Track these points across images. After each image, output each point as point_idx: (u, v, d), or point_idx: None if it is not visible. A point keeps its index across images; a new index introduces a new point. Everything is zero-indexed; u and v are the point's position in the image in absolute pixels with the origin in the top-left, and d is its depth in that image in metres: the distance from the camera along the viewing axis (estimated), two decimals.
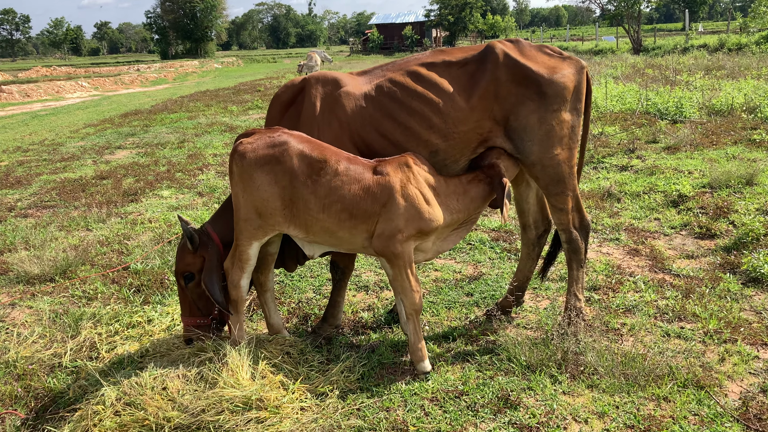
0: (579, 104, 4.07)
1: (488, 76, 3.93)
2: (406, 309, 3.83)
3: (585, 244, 4.31)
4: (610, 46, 40.73)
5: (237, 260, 3.86)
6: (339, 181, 3.65)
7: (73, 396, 3.80)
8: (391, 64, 4.18)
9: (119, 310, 4.97)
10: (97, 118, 19.76)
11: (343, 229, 3.71)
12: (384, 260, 3.79)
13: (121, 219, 7.77)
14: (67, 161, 12.07)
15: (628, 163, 9.39)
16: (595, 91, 15.11)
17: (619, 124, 12.24)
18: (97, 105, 25.15)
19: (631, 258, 5.88)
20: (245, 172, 3.68)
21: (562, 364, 3.89)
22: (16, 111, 23.94)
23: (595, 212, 7.20)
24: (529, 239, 4.67)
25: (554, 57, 4.08)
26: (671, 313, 4.66)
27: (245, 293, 3.95)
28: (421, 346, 3.89)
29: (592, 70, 23.00)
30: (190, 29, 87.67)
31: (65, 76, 45.93)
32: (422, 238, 3.79)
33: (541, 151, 4.01)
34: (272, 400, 3.35)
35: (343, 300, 4.52)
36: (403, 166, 3.75)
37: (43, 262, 5.92)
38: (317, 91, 4.03)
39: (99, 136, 15.50)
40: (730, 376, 3.86)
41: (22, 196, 9.31)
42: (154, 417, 3.23)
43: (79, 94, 32.98)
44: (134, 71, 48.68)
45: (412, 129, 3.93)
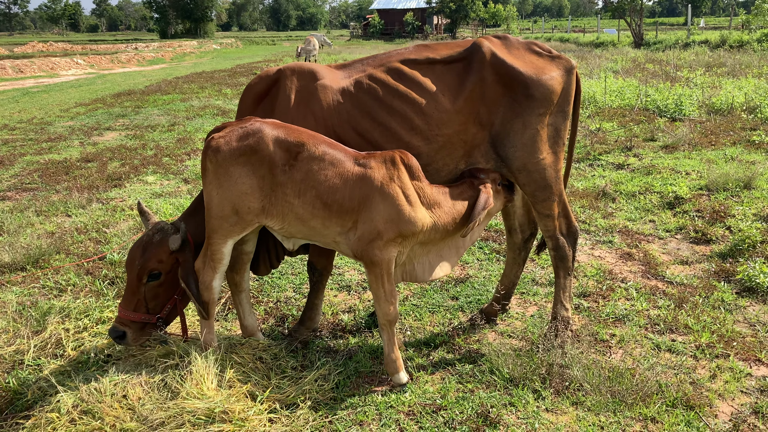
0: (567, 107, 3.88)
1: (475, 77, 3.72)
2: (380, 319, 3.63)
3: (573, 251, 4.12)
4: (611, 39, 40.38)
5: (209, 260, 3.66)
6: (316, 165, 3.45)
7: (31, 398, 3.59)
8: (372, 58, 3.96)
9: (90, 304, 4.75)
10: (89, 97, 19.44)
11: (315, 218, 3.50)
12: (364, 266, 3.60)
13: (102, 205, 7.55)
14: (53, 141, 11.81)
15: (624, 162, 9.20)
16: (595, 86, 14.90)
17: (618, 120, 12.03)
18: (91, 83, 24.79)
19: (623, 263, 5.70)
20: (221, 167, 3.48)
21: (547, 378, 3.71)
22: (7, 87, 23.60)
23: (589, 212, 7.01)
24: (515, 243, 4.47)
25: (543, 56, 3.88)
26: (663, 324, 4.48)
27: (217, 295, 3.75)
28: (395, 357, 3.69)
29: (593, 63, 22.76)
30: (190, 9, 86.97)
31: (61, 52, 45.47)
32: (404, 243, 3.56)
33: (525, 156, 3.81)
34: (238, 412, 3.16)
35: (321, 302, 4.33)
36: (388, 163, 3.52)
37: (15, 249, 5.71)
38: (292, 83, 3.81)
39: (89, 116, 15.22)
40: (721, 394, 3.69)
41: (2, 177, 9.06)
42: (110, 428, 3.04)
43: (74, 71, 32.56)
44: (132, 50, 48.17)
45: (392, 129, 3.72)
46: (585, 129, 11.55)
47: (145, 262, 3.76)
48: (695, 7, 71.01)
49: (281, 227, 3.60)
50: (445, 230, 3.67)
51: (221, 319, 4.66)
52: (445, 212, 3.63)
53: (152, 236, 3.77)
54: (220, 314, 4.74)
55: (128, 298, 3.82)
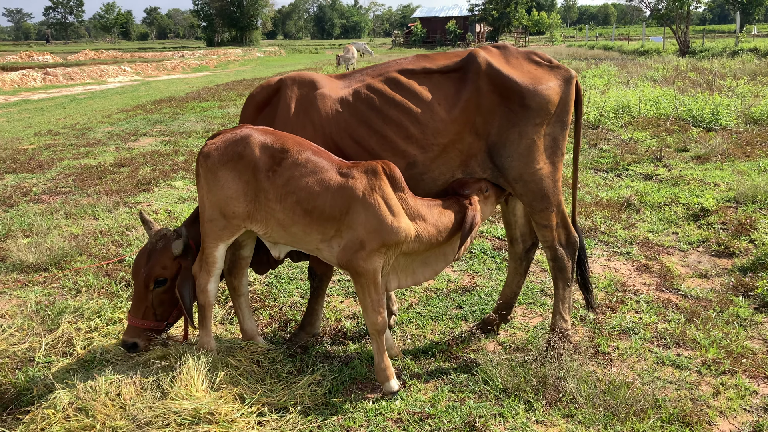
0: (565, 116, 3.85)
1: (471, 87, 3.73)
2: (368, 328, 3.66)
3: (572, 261, 4.08)
4: (657, 47, 39.60)
5: (204, 264, 3.75)
6: (297, 171, 3.51)
7: (36, 394, 3.73)
8: (371, 68, 4.01)
9: (103, 305, 4.91)
10: (131, 103, 20.00)
11: (296, 224, 3.55)
12: (350, 276, 3.63)
13: (129, 209, 7.76)
14: (91, 147, 12.19)
15: (653, 172, 9.02)
16: (630, 95, 14.65)
17: (651, 130, 11.80)
18: (134, 90, 25.48)
19: (639, 275, 5.60)
20: (209, 172, 3.61)
21: (540, 389, 3.67)
22: (57, 94, 24.43)
23: (610, 223, 6.90)
24: (516, 253, 4.44)
25: (541, 66, 3.85)
26: (669, 338, 4.39)
27: (213, 298, 3.84)
28: (385, 366, 3.70)
29: (632, 71, 22.37)
30: (236, 17, 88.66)
31: (111, 60, 46.79)
32: (389, 252, 3.57)
33: (521, 166, 3.79)
34: (224, 413, 3.22)
35: (322, 308, 4.37)
36: (370, 173, 3.53)
37: (40, 250, 5.92)
38: (293, 93, 3.89)
39: (129, 122, 15.66)
40: (722, 412, 3.60)
41: (40, 180, 9.40)
42: (101, 425, 3.14)
43: (121, 78, 33.50)
44: (178, 57, 49.31)
45: (388, 138, 3.75)
46: (616, 138, 11.37)
47: (150, 269, 3.86)
48: (747, 14, 69.06)
49: (265, 232, 3.67)
50: (430, 242, 3.66)
51: (226, 323, 4.75)
52: (430, 224, 3.63)
53: (155, 243, 3.87)
54: (225, 317, 4.83)
55: (137, 306, 3.93)
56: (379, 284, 3.57)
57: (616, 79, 19.46)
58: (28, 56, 49.56)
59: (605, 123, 12.75)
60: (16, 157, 11.15)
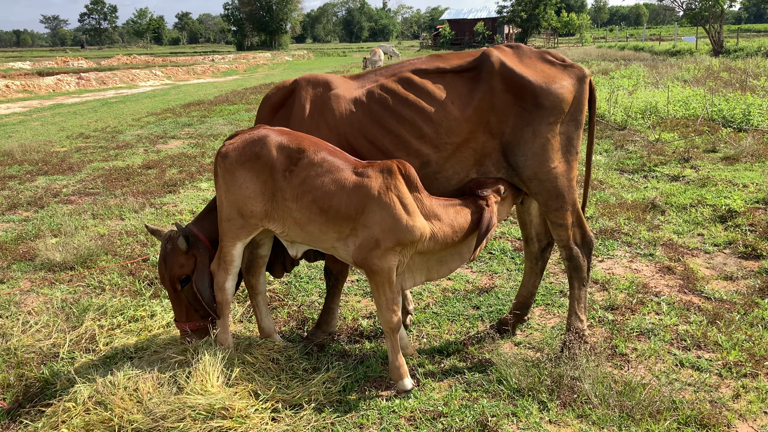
0: (579, 115, 3.84)
1: (484, 86, 3.74)
2: (383, 327, 3.68)
3: (587, 261, 4.06)
4: (689, 47, 38.97)
5: (222, 262, 3.81)
6: (313, 171, 3.54)
7: (59, 388, 3.83)
8: (386, 68, 4.03)
9: (126, 303, 5.01)
10: (161, 107, 20.33)
11: (312, 223, 3.58)
12: (365, 274, 3.65)
13: (155, 210, 7.90)
14: (120, 149, 12.42)
15: (680, 173, 8.88)
16: (658, 95, 14.44)
17: (679, 131, 11.62)
18: (165, 94, 25.90)
19: (661, 276, 5.52)
20: (228, 172, 3.65)
21: (555, 389, 3.65)
22: (90, 98, 24.94)
23: (634, 224, 6.82)
24: (532, 253, 4.42)
25: (555, 65, 3.86)
26: (690, 340, 4.33)
27: (231, 296, 3.89)
28: (399, 365, 3.72)
29: (663, 71, 22.04)
30: (265, 21, 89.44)
31: (143, 64, 47.61)
32: (404, 251, 3.58)
33: (536, 165, 3.79)
34: (239, 409, 3.27)
35: (338, 306, 4.41)
36: (384, 172, 3.55)
37: (67, 250, 6.06)
38: (307, 94, 3.93)
39: (158, 125, 15.92)
40: (741, 414, 3.54)
41: (70, 182, 9.61)
42: (118, 418, 3.21)
43: (152, 82, 34.07)
44: (208, 61, 49.98)
45: (402, 137, 3.78)
46: (643, 140, 11.23)
47: (170, 271, 3.93)
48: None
49: (282, 231, 3.71)
50: (445, 242, 3.67)
51: (245, 320, 4.81)
52: (446, 224, 3.64)
53: (166, 247, 3.95)
54: (243, 315, 4.89)
55: (177, 311, 4.03)
56: (394, 283, 3.58)
57: (645, 80, 19.19)
58: (63, 61, 50.73)
59: (632, 124, 12.59)
60: (48, 159, 11.41)
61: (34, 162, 11.14)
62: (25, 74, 37.25)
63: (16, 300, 5.25)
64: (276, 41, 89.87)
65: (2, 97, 24.92)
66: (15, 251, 6.38)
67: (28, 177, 10.03)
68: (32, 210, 8.07)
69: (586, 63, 30.06)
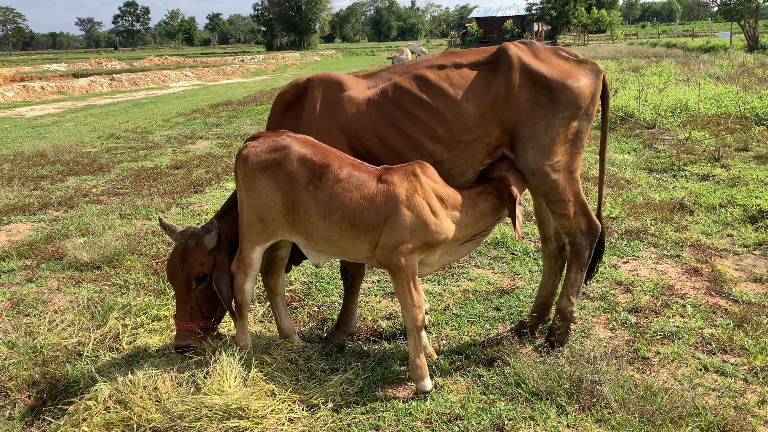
0: (592, 110, 3.92)
1: (501, 81, 3.77)
2: (407, 324, 3.66)
3: (590, 248, 4.15)
4: (723, 43, 38.17)
5: (241, 264, 3.82)
6: (340, 188, 3.52)
7: (83, 386, 3.89)
8: (399, 66, 4.03)
9: (150, 302, 5.07)
10: (190, 107, 20.58)
11: (344, 239, 3.58)
12: (388, 272, 3.65)
13: (181, 209, 7.99)
14: (149, 149, 12.61)
15: (710, 172, 8.71)
16: (688, 93, 14.18)
17: (710, 129, 11.40)
18: (195, 94, 26.21)
19: (687, 278, 5.42)
20: (248, 176, 3.63)
21: (574, 393, 3.61)
22: (122, 99, 25.35)
23: (661, 225, 6.71)
24: (550, 252, 4.40)
25: (569, 61, 3.92)
26: (715, 344, 4.24)
27: (250, 297, 3.91)
28: (420, 364, 3.70)
29: (695, 68, 21.64)
30: (294, 21, 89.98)
31: (174, 65, 48.25)
32: (428, 251, 3.62)
33: (541, 158, 3.86)
34: (255, 409, 3.29)
35: (356, 306, 4.41)
36: (410, 175, 3.58)
37: (94, 249, 6.16)
38: (319, 93, 3.94)
39: (187, 125, 16.12)
40: (767, 421, 3.45)
41: (99, 182, 9.78)
42: (137, 417, 3.26)
43: (183, 83, 34.50)
44: (238, 62, 50.45)
45: (416, 139, 3.79)
46: (673, 138, 11.04)
47: (189, 268, 3.90)
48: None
49: (307, 244, 3.70)
50: (467, 233, 3.73)
51: (265, 320, 4.84)
52: (469, 215, 3.70)
53: (186, 243, 3.91)
54: (264, 315, 4.92)
55: (182, 308, 3.97)
56: (418, 281, 3.61)
57: (676, 77, 18.86)
58: (97, 63, 51.68)
59: (662, 122, 12.39)
60: (80, 159, 11.63)
61: (65, 162, 11.36)
62: (60, 76, 38.07)
63: (43, 299, 5.36)
64: (305, 41, 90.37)
65: (38, 99, 25.48)
66: (44, 250, 6.51)
67: (59, 177, 10.24)
68: (62, 210, 8.23)
69: (617, 60, 29.66)
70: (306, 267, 5.94)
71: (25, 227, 7.53)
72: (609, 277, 5.42)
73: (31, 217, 7.95)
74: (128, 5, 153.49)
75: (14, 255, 6.41)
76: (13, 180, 9.95)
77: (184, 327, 3.91)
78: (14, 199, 8.81)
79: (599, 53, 38.62)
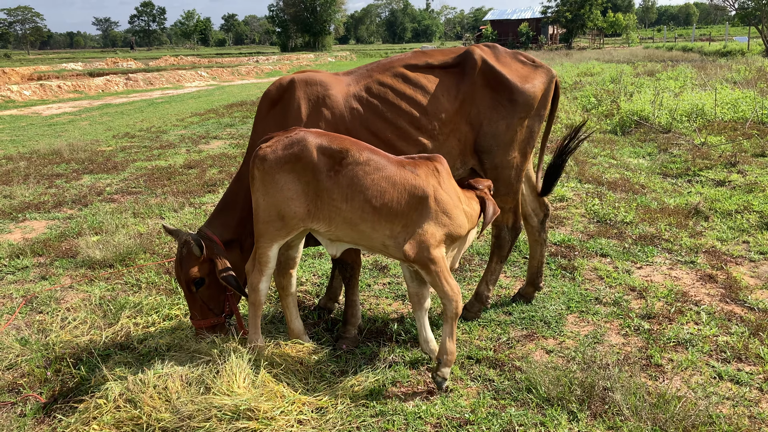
0: (543, 111, 4.37)
1: (468, 80, 4.16)
2: (447, 313, 3.71)
3: (511, 243, 4.68)
4: (741, 48, 37.86)
5: (257, 263, 3.85)
6: (361, 170, 3.61)
7: (93, 385, 3.90)
8: (375, 64, 4.34)
9: (161, 301, 5.09)
10: (204, 107, 20.68)
11: (365, 222, 3.64)
12: (418, 268, 3.69)
13: (194, 209, 8.02)
14: (164, 149, 12.67)
15: (726, 178, 8.63)
16: (705, 97, 14.06)
17: (726, 134, 11.29)
18: (209, 95, 26.34)
19: (702, 285, 5.36)
20: (267, 175, 3.66)
21: (585, 399, 3.57)
22: (137, 98, 25.52)
23: (675, 231, 6.65)
24: (533, 227, 4.92)
25: (527, 65, 4.34)
26: (730, 352, 4.19)
27: (264, 297, 3.93)
28: (453, 350, 3.75)
29: (711, 73, 21.46)
30: (309, 23, 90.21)
31: (190, 65, 48.51)
32: (450, 244, 3.76)
33: (501, 155, 4.28)
34: (264, 410, 3.29)
35: (358, 298, 4.46)
36: (434, 170, 3.71)
37: (107, 248, 6.19)
38: (303, 93, 4.11)
39: (201, 125, 16.19)
40: None
41: (113, 181, 9.84)
42: (146, 417, 3.26)
43: (198, 83, 34.69)
44: (252, 62, 50.64)
45: (403, 128, 4.14)
46: (688, 143, 10.94)
47: (186, 275, 4.09)
48: None
49: (327, 230, 3.75)
50: (467, 228, 3.88)
51: (277, 322, 4.83)
52: (467, 213, 3.88)
53: (182, 251, 4.09)
54: (276, 316, 4.92)
55: (193, 309, 4.21)
56: (449, 270, 3.72)
57: (692, 82, 18.71)
58: (113, 62, 52.08)
59: (677, 127, 12.29)
60: (94, 158, 11.71)
61: (80, 161, 11.44)
62: (76, 75, 38.38)
63: (56, 296, 5.39)
64: (319, 42, 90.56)
65: (54, 97, 25.71)
66: (58, 248, 6.55)
67: (74, 175, 10.31)
68: (76, 208, 8.28)
69: (632, 64, 29.46)
70: (317, 268, 5.94)
71: (40, 225, 7.59)
72: (622, 283, 5.38)
73: (46, 214, 8.01)
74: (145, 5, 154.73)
75: (28, 252, 6.45)
76: (29, 178, 10.04)
77: (199, 325, 4.13)
78: (30, 196, 8.88)
79: (614, 57, 38.40)
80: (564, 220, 7.18)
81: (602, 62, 32.39)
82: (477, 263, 5.95)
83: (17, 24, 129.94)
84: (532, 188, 4.87)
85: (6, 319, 4.99)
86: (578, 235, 6.66)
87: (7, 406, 3.81)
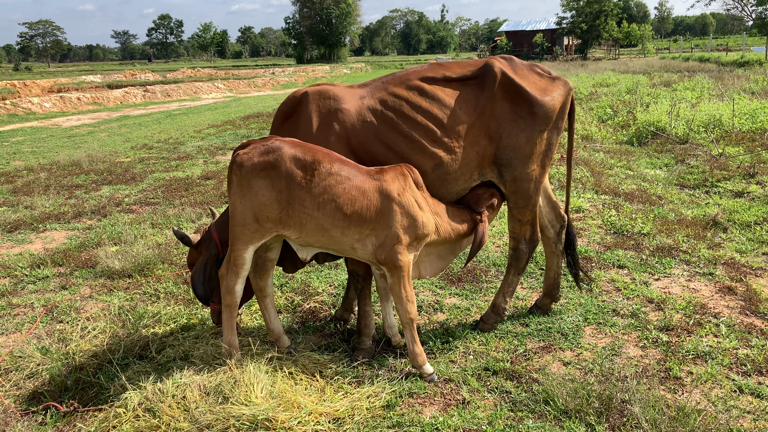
0: (561, 123, 4.38)
1: (487, 93, 4.15)
2: (402, 318, 3.97)
3: (529, 255, 4.64)
4: (758, 58, 37.56)
5: (232, 265, 3.98)
6: (333, 180, 3.79)
7: (113, 394, 3.94)
8: (391, 76, 4.33)
9: (179, 311, 5.14)
10: (221, 119, 20.85)
11: (335, 227, 3.83)
12: (385, 269, 3.92)
13: (212, 219, 8.06)
14: (181, 160, 12.79)
15: (744, 189, 8.56)
16: (722, 108, 13.96)
17: (744, 145, 11.20)
18: (226, 106, 26.56)
19: (721, 297, 5.31)
20: (244, 179, 3.82)
21: (603, 412, 3.55)
22: (155, 110, 25.80)
23: (694, 242, 6.60)
24: (549, 238, 4.89)
25: (544, 77, 4.33)
26: (750, 365, 4.14)
27: (239, 299, 4.05)
28: (419, 352, 4.04)
29: (728, 83, 21.32)
30: (325, 35, 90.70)
31: (206, 77, 49.00)
32: (418, 245, 3.94)
33: (521, 167, 4.27)
34: (282, 420, 3.30)
35: (372, 309, 4.47)
36: (399, 176, 3.91)
37: (126, 258, 6.26)
38: (315, 107, 4.17)
39: (218, 136, 16.33)
40: None
41: (132, 192, 9.95)
42: (165, 426, 3.29)
43: (214, 95, 35.00)
44: (269, 74, 51.01)
45: (418, 141, 4.09)
46: (706, 154, 10.87)
47: (189, 265, 4.55)
48: None
49: (298, 237, 3.92)
50: (444, 237, 4.12)
51: (294, 333, 4.85)
52: (445, 221, 4.10)
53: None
54: (292, 327, 4.93)
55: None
56: (411, 277, 3.92)
57: (709, 92, 18.59)
58: (131, 75, 52.68)
59: (694, 137, 12.21)
60: (113, 169, 11.85)
61: (99, 172, 11.58)
62: (95, 87, 38.90)
63: (76, 306, 5.45)
64: (335, 54, 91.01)
65: (74, 109, 26.06)
66: (78, 258, 6.63)
67: (93, 186, 10.44)
68: (96, 218, 8.38)
69: (648, 75, 29.34)
70: (333, 278, 5.96)
71: (60, 235, 7.68)
72: (640, 295, 5.34)
73: (66, 225, 8.11)
74: (162, 18, 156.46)
75: (49, 262, 6.53)
76: (49, 189, 10.17)
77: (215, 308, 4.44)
78: (50, 207, 9.00)
79: (630, 67, 38.26)
80: (581, 231, 7.15)
81: (618, 73, 32.25)
82: (494, 274, 5.94)
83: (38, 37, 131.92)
84: (548, 199, 4.85)
85: (27, 328, 5.06)
86: (595, 246, 6.63)
87: (28, 414, 3.85)
